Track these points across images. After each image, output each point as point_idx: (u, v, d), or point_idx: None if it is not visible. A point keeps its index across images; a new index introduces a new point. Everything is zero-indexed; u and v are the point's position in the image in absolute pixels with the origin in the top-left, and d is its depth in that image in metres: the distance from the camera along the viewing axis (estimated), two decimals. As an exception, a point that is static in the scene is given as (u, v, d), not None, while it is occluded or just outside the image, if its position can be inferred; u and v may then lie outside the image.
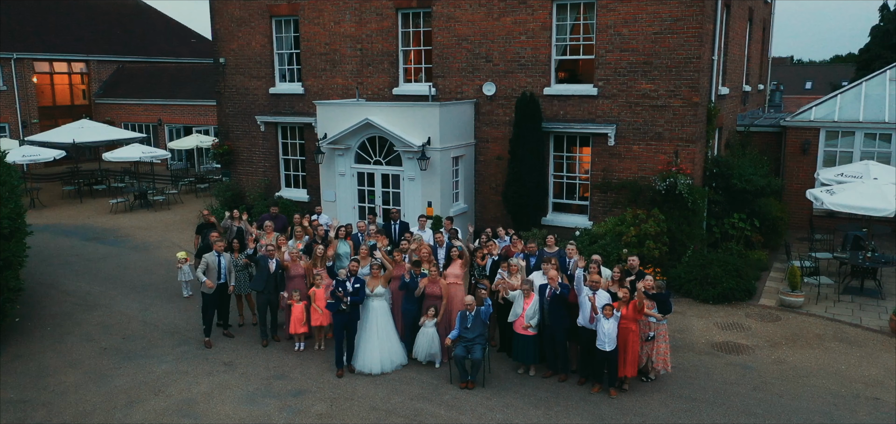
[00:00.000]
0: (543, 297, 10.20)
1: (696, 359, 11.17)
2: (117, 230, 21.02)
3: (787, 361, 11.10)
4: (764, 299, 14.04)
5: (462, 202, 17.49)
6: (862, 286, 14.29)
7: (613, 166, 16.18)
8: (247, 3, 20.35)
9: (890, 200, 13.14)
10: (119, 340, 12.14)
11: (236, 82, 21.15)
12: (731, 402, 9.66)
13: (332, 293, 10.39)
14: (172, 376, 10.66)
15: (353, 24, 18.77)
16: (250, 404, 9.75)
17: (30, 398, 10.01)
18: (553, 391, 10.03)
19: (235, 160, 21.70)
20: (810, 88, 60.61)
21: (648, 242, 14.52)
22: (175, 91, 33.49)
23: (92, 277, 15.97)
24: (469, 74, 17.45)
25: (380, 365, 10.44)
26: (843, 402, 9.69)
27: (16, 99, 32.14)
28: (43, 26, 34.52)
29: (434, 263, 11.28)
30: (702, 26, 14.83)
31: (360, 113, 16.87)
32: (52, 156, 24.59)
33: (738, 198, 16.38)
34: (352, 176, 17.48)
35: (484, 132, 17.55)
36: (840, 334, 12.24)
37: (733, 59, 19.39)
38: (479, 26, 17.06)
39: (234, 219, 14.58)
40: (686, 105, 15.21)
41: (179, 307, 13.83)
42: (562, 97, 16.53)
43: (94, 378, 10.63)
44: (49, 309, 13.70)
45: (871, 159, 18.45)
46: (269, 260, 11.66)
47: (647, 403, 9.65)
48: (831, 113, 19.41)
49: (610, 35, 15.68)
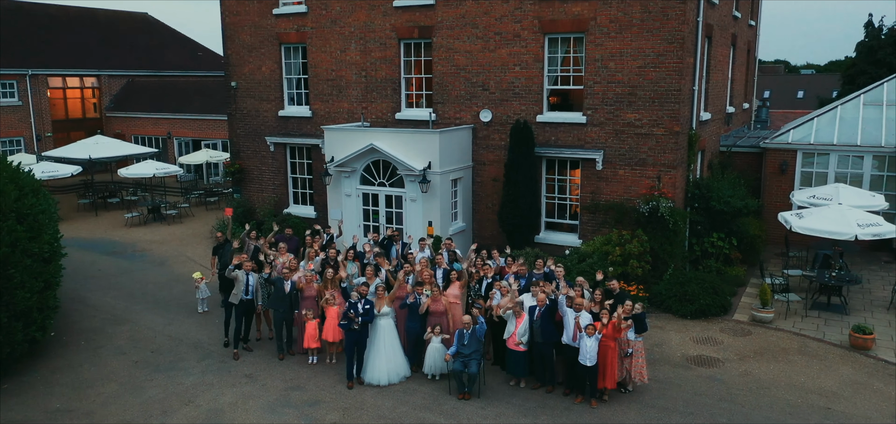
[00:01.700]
0: (533, 317, 11.42)
1: (671, 372, 12.38)
2: (134, 244, 22.21)
3: (753, 373, 12.32)
4: (738, 314, 15.26)
5: (461, 221, 18.71)
6: (828, 302, 15.52)
7: (601, 189, 17.41)
8: (258, 31, 21.58)
9: (852, 225, 14.37)
10: (148, 353, 13.35)
11: (247, 105, 22.37)
12: (698, 411, 10.88)
13: (345, 314, 11.61)
14: (200, 387, 11.87)
15: (358, 53, 19.99)
16: (271, 413, 10.96)
17: (75, 407, 11.22)
18: (541, 401, 11.25)
19: (246, 178, 22.92)
20: (802, 97, 61.92)
21: (632, 261, 15.74)
22: (184, 105, 34.69)
23: (116, 292, 17.17)
24: (467, 101, 18.67)
25: (387, 377, 11.66)
26: (798, 411, 10.90)
27: (31, 114, 33.36)
28: (56, 43, 35.73)
29: (435, 283, 12.51)
30: (682, 61, 16.05)
31: (365, 138, 18.09)
32: (70, 172, 25.78)
33: (718, 218, 17.61)
34: (357, 196, 18.69)
35: (481, 156, 18.76)
36: (804, 348, 13.46)
37: (716, 84, 20.61)
38: (476, 57, 18.28)
39: (250, 238, 15.81)
40: (668, 133, 16.44)
41: (199, 322, 15.03)
42: (553, 124, 17.75)
43: (130, 389, 11.84)
44: (80, 324, 14.90)
45: (845, 180, 19.77)
46: (285, 281, 12.87)
47: (624, 412, 10.87)
48: (808, 136, 20.64)
49: (598, 68, 16.91)
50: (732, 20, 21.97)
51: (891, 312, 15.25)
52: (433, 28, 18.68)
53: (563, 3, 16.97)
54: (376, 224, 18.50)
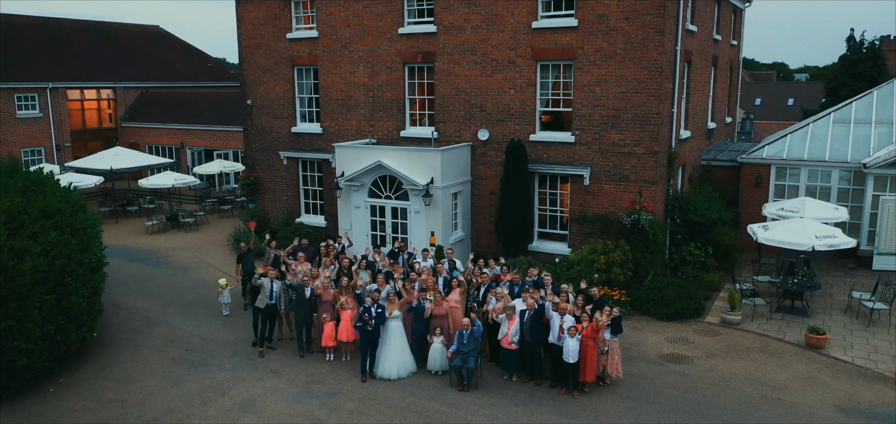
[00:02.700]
0: (523, 320, 13.11)
1: (645, 367, 14.07)
2: (157, 252, 23.88)
3: (718, 369, 14.01)
4: (710, 317, 16.95)
5: (460, 231, 20.39)
6: (792, 306, 17.20)
7: (588, 202, 19.10)
8: (272, 54, 23.27)
9: (810, 237, 16.07)
10: (183, 351, 15.03)
11: (262, 121, 24.06)
12: (665, 402, 12.56)
13: (360, 317, 13.31)
14: (232, 381, 13.55)
15: (366, 75, 21.68)
16: (296, 403, 12.64)
17: (125, 398, 12.90)
18: (530, 392, 12.94)
19: (261, 189, 24.62)
20: (792, 104, 63.64)
21: (615, 268, 17.44)
22: (196, 116, 36.37)
23: (147, 296, 18.85)
24: (466, 120, 20.37)
25: (397, 372, 13.35)
26: (752, 401, 12.59)
27: (51, 125, 35.05)
28: (74, 57, 37.42)
29: (438, 290, 14.21)
30: (661, 87, 17.75)
31: (373, 155, 19.78)
32: (94, 182, 27.45)
33: (695, 229, 19.32)
34: (365, 208, 20.37)
35: (479, 171, 20.45)
36: (765, 346, 15.15)
37: (696, 104, 22.31)
38: (475, 81, 19.98)
39: (270, 247, 17.52)
40: (648, 153, 18.14)
41: (225, 324, 16.71)
42: (545, 143, 19.44)
43: (171, 382, 13.52)
44: (119, 326, 16.58)
45: (815, 192, 21.47)
46: (305, 288, 14.55)
47: (601, 402, 12.56)
48: (781, 151, 22.33)
49: (585, 92, 18.61)
50: (713, 43, 23.67)
51: (847, 314, 16.94)
52: (435, 54, 20.37)
53: (553, 33, 18.66)
54: (383, 234, 20.19)
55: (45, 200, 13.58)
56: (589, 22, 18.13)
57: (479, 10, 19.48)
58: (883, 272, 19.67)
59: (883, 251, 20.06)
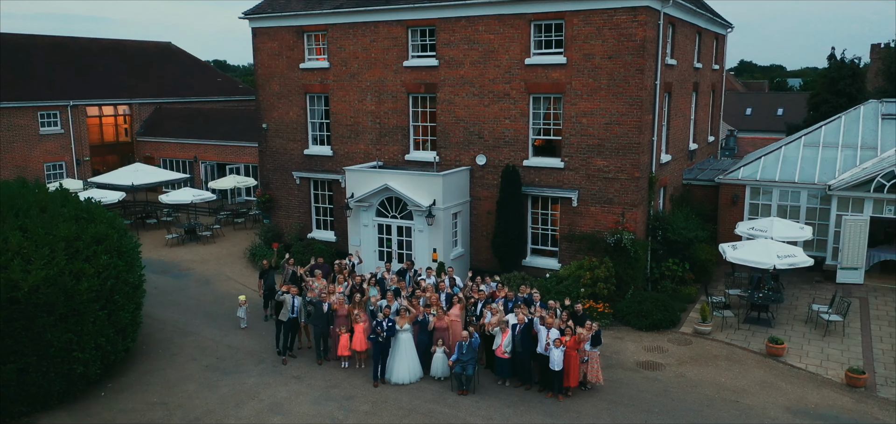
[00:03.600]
0: (515, 332, 15.02)
1: (622, 374, 15.99)
2: (179, 264, 25.78)
3: (687, 375, 15.93)
4: (684, 327, 18.87)
5: (460, 247, 22.31)
6: (758, 317, 19.12)
7: (576, 222, 21.02)
8: (286, 82, 25.20)
9: (772, 256, 18.00)
10: (214, 359, 16.94)
11: (276, 144, 25.99)
12: (638, 404, 14.48)
13: (373, 330, 15.23)
14: (260, 386, 15.46)
15: (373, 103, 23.59)
16: (318, 405, 14.55)
17: (168, 401, 14.81)
18: (520, 396, 14.86)
19: (275, 207, 26.54)
20: (782, 113, 65.58)
21: (599, 283, 19.36)
22: (208, 132, 38.25)
23: (175, 308, 20.75)
24: (465, 146, 22.29)
25: (407, 378, 15.27)
26: (713, 403, 14.51)
27: (71, 141, 36.93)
28: (92, 74, 39.33)
29: (440, 305, 16.13)
30: (641, 119, 19.68)
31: (380, 179, 21.70)
32: (117, 198, 29.35)
33: (674, 246, 21.24)
34: (373, 227, 22.28)
35: (477, 192, 22.37)
36: (731, 354, 17.07)
37: (677, 129, 24.24)
38: (473, 110, 21.90)
39: (289, 264, 19.44)
40: (630, 178, 20.06)
41: (249, 335, 18.60)
42: (537, 167, 21.36)
43: (207, 387, 15.44)
44: (154, 336, 18.48)
45: (786, 211, 23.39)
46: (322, 303, 16.46)
47: (582, 404, 14.48)
48: (755, 173, 24.25)
49: (573, 123, 20.53)
50: (694, 71, 25.61)
51: (807, 325, 18.86)
52: (437, 85, 22.30)
53: (544, 69, 20.59)
54: (389, 250, 22.11)
55: (96, 227, 15.48)
56: (576, 60, 20.06)
57: (477, 46, 21.40)
58: (845, 285, 21.63)
59: (845, 266, 21.97)
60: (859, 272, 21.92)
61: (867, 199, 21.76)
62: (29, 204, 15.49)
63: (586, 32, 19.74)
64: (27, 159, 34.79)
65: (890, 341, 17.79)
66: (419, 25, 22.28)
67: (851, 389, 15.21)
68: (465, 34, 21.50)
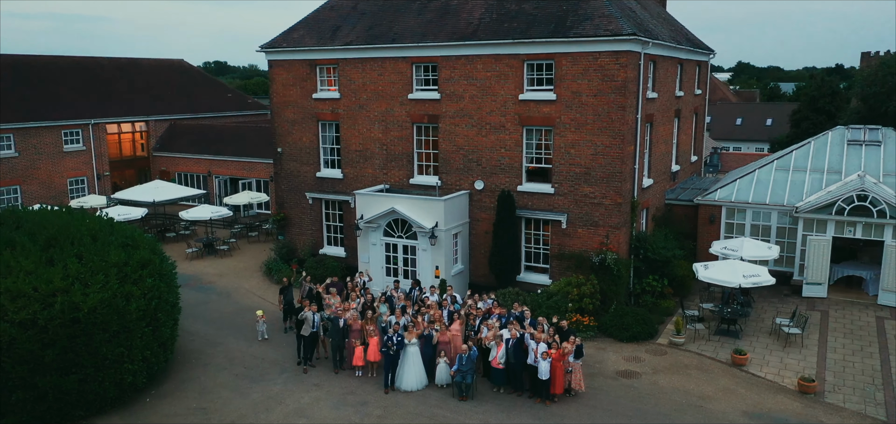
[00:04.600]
0: (508, 346, 17.21)
1: (603, 382, 18.18)
2: (200, 277, 27.95)
3: (659, 383, 18.12)
4: (660, 339, 21.05)
5: (460, 264, 24.50)
6: (728, 329, 21.31)
7: (565, 243, 23.21)
8: (300, 110, 27.38)
9: (738, 276, 20.18)
10: (242, 368, 19.12)
11: (291, 167, 28.17)
12: (614, 409, 16.67)
13: (384, 343, 17.42)
14: (285, 393, 17.65)
15: (380, 131, 25.77)
16: (336, 410, 16.74)
17: (206, 406, 17.00)
18: (513, 401, 17.05)
19: (289, 224, 28.72)
20: (771, 124, 67.86)
21: (585, 298, 21.53)
22: (221, 148, 40.43)
23: (202, 320, 22.92)
24: (465, 172, 24.47)
25: (414, 385, 17.45)
26: (681, 408, 16.70)
27: (92, 157, 39.09)
28: (111, 93, 41.51)
29: (443, 321, 18.32)
30: (623, 150, 21.87)
31: (387, 203, 23.87)
32: (140, 214, 31.51)
33: (653, 264, 23.43)
34: (381, 246, 24.46)
35: (475, 214, 24.56)
36: (700, 364, 19.26)
37: (659, 155, 26.42)
38: (472, 140, 24.08)
39: (306, 281, 21.62)
40: (614, 204, 22.25)
41: (271, 346, 20.76)
42: (530, 192, 23.54)
43: (239, 393, 17.62)
44: (187, 347, 20.65)
45: (758, 231, 25.56)
46: (339, 319, 18.65)
47: (566, 409, 16.67)
48: (730, 195, 26.43)
49: (562, 153, 22.71)
50: (675, 99, 27.79)
51: (770, 337, 21.04)
52: (439, 117, 24.48)
53: (536, 104, 22.77)
54: (395, 267, 24.29)
55: (140, 252, 17.67)
56: (565, 96, 22.24)
57: (475, 82, 23.58)
58: (810, 298, 23.84)
59: (810, 281, 24.17)
60: (823, 286, 24.13)
61: (829, 221, 23.95)
62: (82, 233, 17.66)
63: (574, 72, 21.93)
64: (52, 175, 36.96)
65: (842, 351, 19.98)
66: (423, 62, 24.46)
67: (803, 395, 17.41)
68: (464, 71, 23.69)
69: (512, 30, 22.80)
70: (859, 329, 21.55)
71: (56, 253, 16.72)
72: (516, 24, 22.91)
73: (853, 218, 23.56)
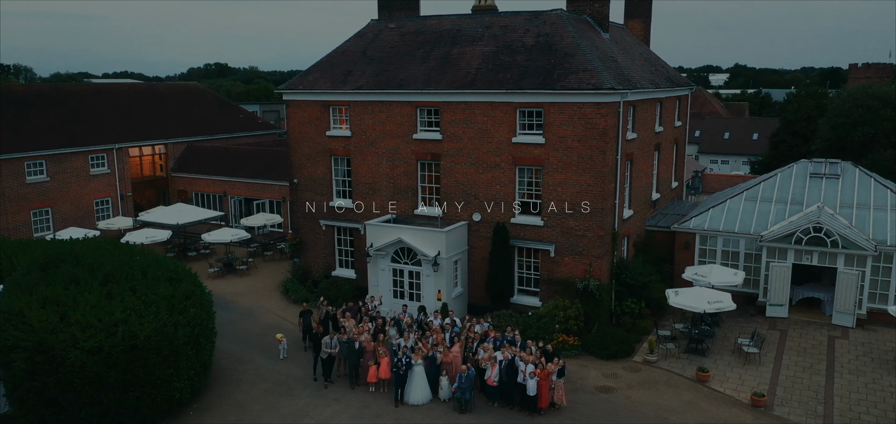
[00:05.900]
0: (501, 366, 20.05)
1: (583, 396, 21.02)
2: (223, 297, 30.74)
3: (632, 397, 20.96)
4: (636, 357, 23.89)
5: (460, 287, 27.35)
6: (696, 348, 24.16)
7: (554, 269, 26.06)
8: (314, 145, 30.20)
9: (704, 302, 23.03)
10: (270, 385, 21.95)
11: (305, 196, 31.00)
12: (592, 420, 19.52)
13: (395, 364, 20.27)
14: (310, 406, 20.47)
15: (388, 167, 28.61)
16: (355, 421, 19.57)
17: (242, 419, 19.82)
18: (506, 414, 19.90)
19: (303, 248, 31.56)
20: (757, 138, 70.72)
21: (571, 320, 24.37)
22: (236, 168, 43.20)
23: (229, 339, 25.71)
24: (464, 205, 27.31)
25: (420, 400, 20.29)
26: (648, 420, 19.54)
27: (116, 179, 41.91)
28: (132, 117, 44.31)
29: (445, 344, 21.18)
30: (604, 189, 24.71)
31: (395, 233, 26.71)
32: (165, 236, 34.32)
33: (632, 288, 26.28)
34: (388, 271, 27.30)
35: (473, 243, 27.40)
36: (669, 380, 22.10)
37: (639, 187, 29.26)
38: (470, 176, 26.92)
39: (322, 305, 24.47)
40: (596, 236, 25.11)
41: (294, 364, 23.56)
42: (522, 224, 26.39)
43: (269, 408, 20.45)
44: (220, 364, 23.45)
45: (728, 256, 28.40)
46: (354, 342, 21.49)
47: (551, 421, 19.51)
48: (703, 223, 29.28)
49: (551, 190, 25.56)
50: (655, 134, 30.63)
51: (733, 355, 23.89)
52: (441, 154, 27.32)
53: (527, 146, 25.61)
54: (402, 290, 27.13)
55: (184, 285, 20.48)
56: (552, 140, 25.08)
57: (473, 126, 26.42)
58: (772, 318, 26.71)
59: (773, 303, 27.04)
60: (784, 307, 27.00)
61: (789, 249, 26.82)
62: (133, 269, 20.45)
63: (560, 120, 24.77)
64: (80, 197, 39.77)
65: (794, 368, 22.84)
66: (426, 106, 27.30)
67: (754, 408, 20.26)
68: (464, 115, 26.52)
69: (506, 80, 25.65)
70: (812, 348, 24.41)
71: (114, 288, 19.52)
72: (510, 75, 25.75)
73: (810, 248, 26.43)
